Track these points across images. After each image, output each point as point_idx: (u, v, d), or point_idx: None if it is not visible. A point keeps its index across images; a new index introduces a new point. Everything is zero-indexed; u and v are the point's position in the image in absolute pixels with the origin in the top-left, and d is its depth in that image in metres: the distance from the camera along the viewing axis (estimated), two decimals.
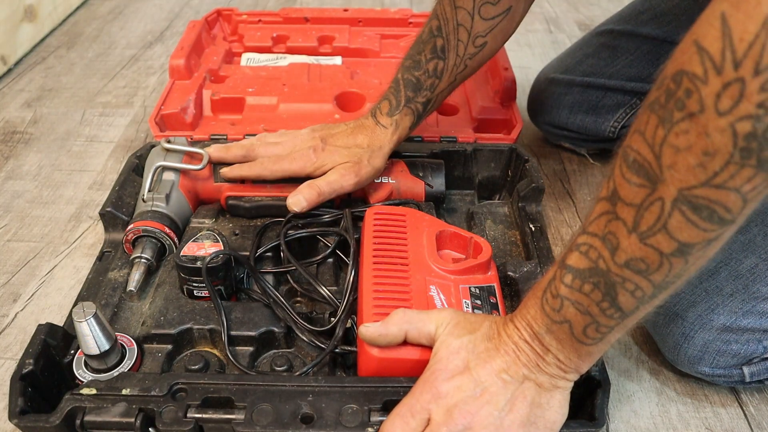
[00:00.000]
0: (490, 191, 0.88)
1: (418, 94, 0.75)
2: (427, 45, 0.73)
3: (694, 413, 0.66)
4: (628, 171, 0.40)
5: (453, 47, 0.72)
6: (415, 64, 0.74)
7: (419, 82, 0.74)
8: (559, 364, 0.50)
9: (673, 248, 0.40)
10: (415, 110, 0.76)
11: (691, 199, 0.37)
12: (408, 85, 0.74)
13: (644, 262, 0.41)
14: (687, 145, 0.36)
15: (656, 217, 0.39)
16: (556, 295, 0.48)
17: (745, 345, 0.63)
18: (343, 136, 0.76)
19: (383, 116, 0.75)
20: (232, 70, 1.06)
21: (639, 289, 0.43)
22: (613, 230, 0.42)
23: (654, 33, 0.89)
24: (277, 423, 0.53)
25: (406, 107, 0.75)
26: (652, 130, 0.38)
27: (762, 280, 0.62)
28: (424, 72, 0.74)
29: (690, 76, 0.35)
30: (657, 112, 0.37)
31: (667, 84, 0.37)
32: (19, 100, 1.18)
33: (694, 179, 0.36)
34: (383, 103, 0.76)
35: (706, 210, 0.37)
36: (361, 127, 0.76)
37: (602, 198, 0.43)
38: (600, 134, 0.95)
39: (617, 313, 0.45)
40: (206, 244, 0.68)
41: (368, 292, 0.60)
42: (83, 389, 0.55)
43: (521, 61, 1.29)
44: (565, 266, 0.47)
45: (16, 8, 1.27)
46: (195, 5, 1.57)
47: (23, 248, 0.86)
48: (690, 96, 0.35)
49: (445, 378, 0.51)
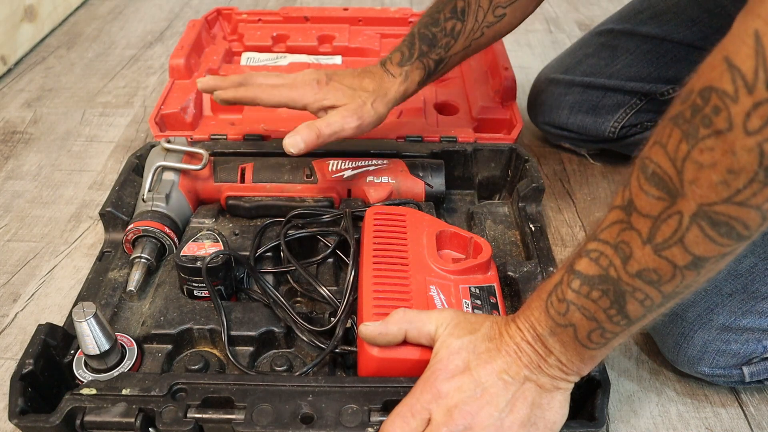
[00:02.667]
0: (490, 191, 0.88)
1: (432, 50, 0.73)
2: (447, 5, 0.73)
3: (694, 413, 0.66)
4: (646, 183, 0.40)
5: (473, 11, 0.72)
6: (433, 21, 0.73)
7: (435, 39, 0.73)
8: (561, 366, 0.50)
9: (687, 261, 0.40)
10: (427, 66, 0.74)
11: (711, 215, 0.37)
12: (423, 39, 0.73)
13: (657, 273, 0.42)
14: (711, 161, 0.36)
15: (673, 230, 0.39)
16: (563, 299, 0.47)
17: (744, 345, 0.63)
18: (350, 77, 0.73)
19: (393, 66, 0.74)
20: (232, 70, 1.06)
21: (648, 299, 0.43)
22: (626, 240, 0.42)
23: (653, 32, 0.89)
24: (277, 423, 0.53)
25: (418, 60, 0.73)
26: (674, 144, 0.38)
27: (761, 279, 0.62)
28: (441, 30, 0.72)
29: (719, 94, 0.34)
30: (681, 126, 0.37)
31: (693, 99, 0.36)
32: (19, 100, 1.17)
33: (716, 196, 0.36)
34: (395, 54, 0.74)
35: (725, 226, 0.37)
36: (369, 72, 0.74)
37: (616, 206, 0.43)
38: (600, 135, 0.94)
39: (624, 321, 0.45)
40: (206, 244, 0.68)
41: (368, 292, 0.60)
42: (83, 389, 0.55)
43: (521, 61, 1.29)
44: (573, 271, 0.47)
45: (16, 8, 1.27)
46: (195, 5, 1.57)
47: (23, 248, 0.86)
48: (718, 113, 0.35)
49: (445, 378, 0.51)
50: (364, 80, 0.73)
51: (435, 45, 0.73)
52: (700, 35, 0.85)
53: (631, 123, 0.92)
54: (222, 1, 1.56)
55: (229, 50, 1.12)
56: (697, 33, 0.85)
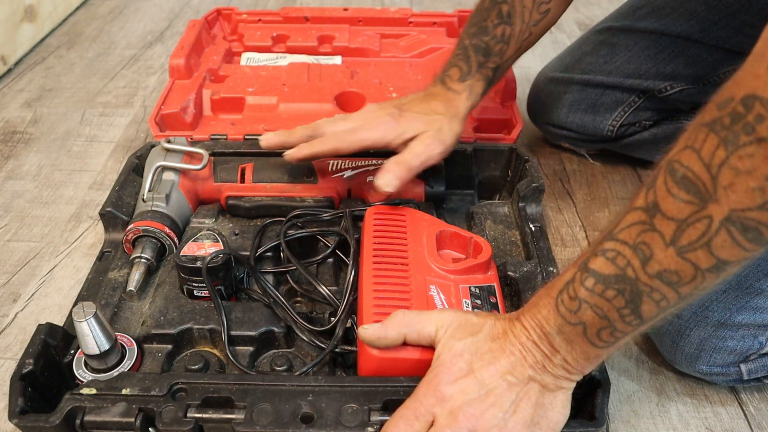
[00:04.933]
0: (490, 191, 0.88)
1: (489, 59, 0.72)
2: (492, 11, 0.72)
3: (694, 413, 0.66)
4: (675, 186, 0.40)
5: (519, 13, 0.71)
6: (482, 31, 0.72)
7: (488, 48, 0.72)
8: (566, 365, 0.50)
9: (710, 264, 0.40)
10: (486, 76, 0.73)
11: (743, 220, 0.38)
12: (478, 50, 0.72)
13: (677, 275, 0.42)
14: (750, 168, 0.36)
15: (700, 233, 0.39)
16: (575, 297, 0.47)
17: (741, 341, 0.63)
18: (418, 102, 0.72)
19: (454, 82, 0.72)
20: (232, 70, 1.06)
21: (664, 299, 0.44)
22: (647, 241, 0.42)
23: (652, 26, 0.89)
24: (277, 423, 0.53)
25: (478, 72, 0.72)
26: (710, 150, 0.38)
27: (755, 275, 0.62)
28: (492, 37, 0.72)
29: (764, 102, 0.35)
30: (719, 133, 0.37)
31: (734, 107, 0.37)
32: (19, 100, 1.18)
33: (750, 202, 0.37)
34: (452, 70, 0.73)
35: (754, 231, 0.38)
36: (433, 95, 0.73)
37: (637, 207, 0.43)
38: (599, 133, 0.94)
39: (636, 320, 0.46)
40: (206, 244, 0.68)
41: (368, 292, 0.60)
42: (83, 389, 0.55)
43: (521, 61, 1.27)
44: (587, 269, 0.47)
45: (16, 8, 1.27)
46: (195, 5, 1.57)
47: (23, 248, 0.86)
48: (762, 121, 0.35)
49: (448, 381, 0.51)
50: (432, 103, 0.72)
51: (490, 54, 0.72)
52: (698, 28, 0.85)
53: (630, 122, 0.92)
54: (222, 1, 1.56)
55: (229, 50, 1.12)
56: (694, 26, 0.85)
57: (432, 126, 0.69)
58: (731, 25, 0.83)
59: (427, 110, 0.71)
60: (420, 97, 0.73)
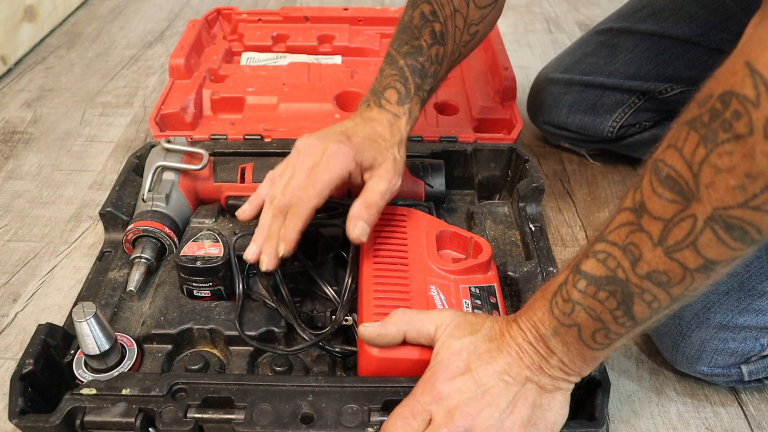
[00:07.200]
0: (490, 191, 0.88)
1: (425, 81, 0.69)
2: (423, 30, 0.69)
3: (694, 413, 0.66)
4: (659, 186, 0.40)
5: (451, 34, 0.69)
6: (416, 50, 0.69)
7: (424, 69, 0.69)
8: (563, 367, 0.50)
9: (698, 264, 0.40)
10: (422, 98, 0.70)
11: (726, 218, 0.37)
12: (414, 71, 0.69)
13: (666, 275, 0.42)
14: (729, 166, 0.36)
15: (686, 233, 0.39)
16: (568, 300, 0.48)
17: (742, 343, 0.63)
18: (361, 127, 0.66)
19: (392, 105, 0.68)
20: (232, 70, 1.06)
21: (656, 300, 0.44)
22: (635, 241, 0.42)
23: (652, 28, 0.89)
24: (277, 423, 0.53)
25: (416, 95, 0.69)
26: (691, 148, 0.38)
27: (757, 277, 0.62)
28: (428, 58, 0.69)
29: (740, 98, 0.35)
30: (699, 130, 0.37)
31: (712, 104, 0.36)
32: (19, 100, 1.17)
33: (732, 200, 0.36)
34: (388, 92, 0.68)
35: (739, 230, 0.37)
36: (374, 120, 0.67)
37: (626, 208, 0.43)
38: (598, 134, 0.94)
39: (629, 322, 0.46)
40: (206, 244, 0.68)
41: (368, 291, 0.60)
42: (83, 389, 0.55)
43: (521, 61, 1.29)
44: (579, 272, 0.47)
45: (16, 8, 1.27)
46: (195, 5, 1.57)
47: (23, 248, 0.86)
48: (739, 118, 0.35)
49: (446, 379, 0.51)
50: (375, 128, 0.66)
51: (426, 75, 0.69)
52: (698, 31, 0.85)
53: (630, 123, 0.92)
54: (222, 1, 1.56)
55: (229, 50, 1.12)
56: (695, 29, 0.85)
57: (384, 156, 0.64)
58: (731, 29, 0.83)
59: (373, 136, 0.65)
60: (359, 122, 0.67)
